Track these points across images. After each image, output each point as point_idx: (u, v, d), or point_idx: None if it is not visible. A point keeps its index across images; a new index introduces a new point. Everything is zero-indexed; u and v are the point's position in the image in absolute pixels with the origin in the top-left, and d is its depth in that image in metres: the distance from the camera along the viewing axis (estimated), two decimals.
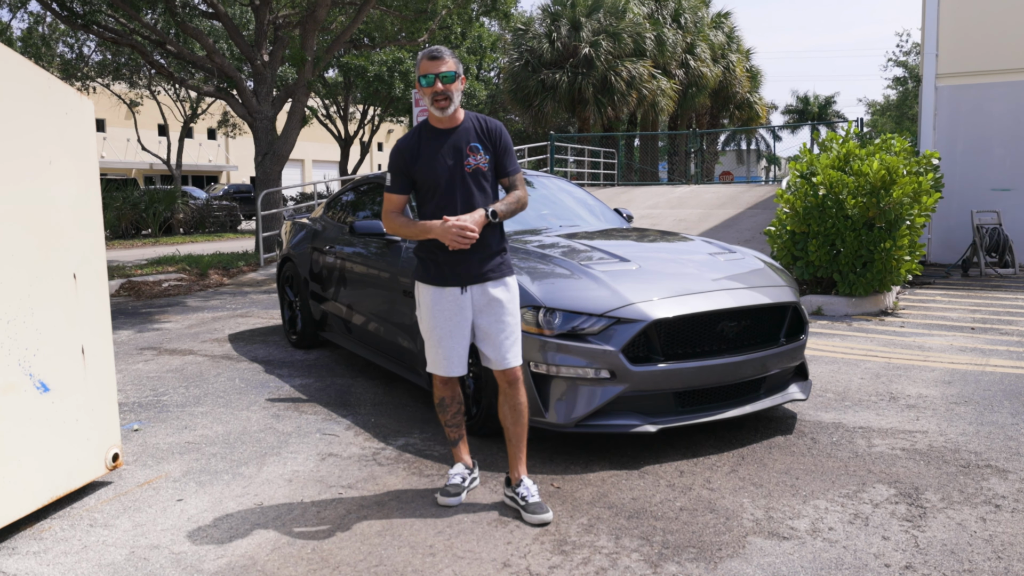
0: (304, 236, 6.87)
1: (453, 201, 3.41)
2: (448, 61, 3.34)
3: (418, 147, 3.45)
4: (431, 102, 3.37)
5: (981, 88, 12.27)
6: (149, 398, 5.41)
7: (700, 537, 3.21)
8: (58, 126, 3.55)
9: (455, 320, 3.44)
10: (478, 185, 3.44)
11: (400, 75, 26.20)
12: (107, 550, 3.19)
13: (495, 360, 3.45)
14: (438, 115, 3.40)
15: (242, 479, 3.92)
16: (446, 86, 3.33)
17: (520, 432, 3.53)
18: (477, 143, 3.46)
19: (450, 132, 3.45)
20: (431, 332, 3.49)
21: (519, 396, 3.50)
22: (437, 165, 3.41)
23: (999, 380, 5.51)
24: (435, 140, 3.44)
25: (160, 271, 12.36)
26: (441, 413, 3.68)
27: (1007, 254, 11.23)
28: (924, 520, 3.33)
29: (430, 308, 3.47)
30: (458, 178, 3.41)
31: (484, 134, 3.48)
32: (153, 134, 39.82)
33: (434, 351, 3.50)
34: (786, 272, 4.91)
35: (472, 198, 3.42)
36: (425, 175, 3.42)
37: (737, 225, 13.76)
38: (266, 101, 14.22)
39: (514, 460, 3.54)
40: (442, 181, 3.41)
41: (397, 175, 3.47)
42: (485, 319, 3.44)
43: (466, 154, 3.43)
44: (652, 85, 26.77)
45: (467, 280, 3.42)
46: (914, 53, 32.66)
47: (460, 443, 3.71)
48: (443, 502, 3.53)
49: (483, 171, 3.46)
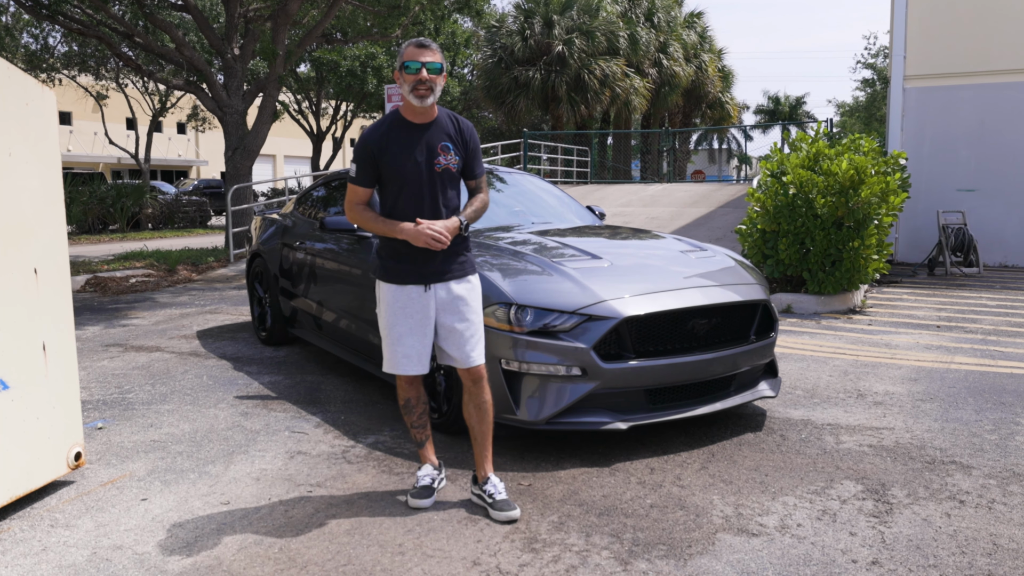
0: (274, 232, 6.79)
1: (420, 199, 3.34)
2: (436, 53, 3.29)
3: (387, 139, 3.34)
4: (411, 90, 3.27)
5: (948, 90, 12.47)
6: (114, 395, 5.32)
7: (670, 534, 3.21)
8: (18, 117, 3.47)
9: (416, 318, 3.37)
10: (445, 185, 3.38)
11: (373, 70, 26.05)
12: (68, 551, 3.13)
13: (459, 359, 3.40)
14: (416, 104, 3.29)
15: (209, 478, 3.86)
16: (431, 75, 3.26)
17: (485, 430, 3.49)
18: (449, 143, 3.39)
19: (423, 128, 3.36)
20: (391, 329, 3.41)
21: (484, 394, 3.46)
22: (407, 160, 3.32)
23: (964, 377, 5.59)
24: (407, 134, 3.35)
25: (127, 267, 12.17)
26: (407, 414, 3.60)
27: (972, 254, 11.42)
28: (890, 516, 3.37)
29: (390, 305, 3.40)
30: (426, 176, 3.34)
31: (457, 134, 3.42)
32: (121, 128, 39.19)
33: (393, 349, 3.42)
34: (756, 270, 4.94)
35: (439, 197, 3.36)
36: (392, 169, 3.33)
37: (709, 223, 13.84)
38: (236, 95, 14.06)
39: (480, 458, 3.50)
40: (409, 177, 3.33)
41: (363, 167, 3.36)
42: (448, 317, 3.38)
43: (437, 152, 3.35)
44: (625, 84, 26.86)
45: (430, 278, 3.37)
46: (882, 56, 33.08)
47: (427, 444, 3.65)
48: (415, 504, 3.48)
49: (452, 172, 3.40)
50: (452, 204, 3.42)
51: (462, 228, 3.36)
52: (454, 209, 3.43)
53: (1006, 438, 4.33)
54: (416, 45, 3.28)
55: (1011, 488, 3.65)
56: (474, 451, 3.52)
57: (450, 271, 3.39)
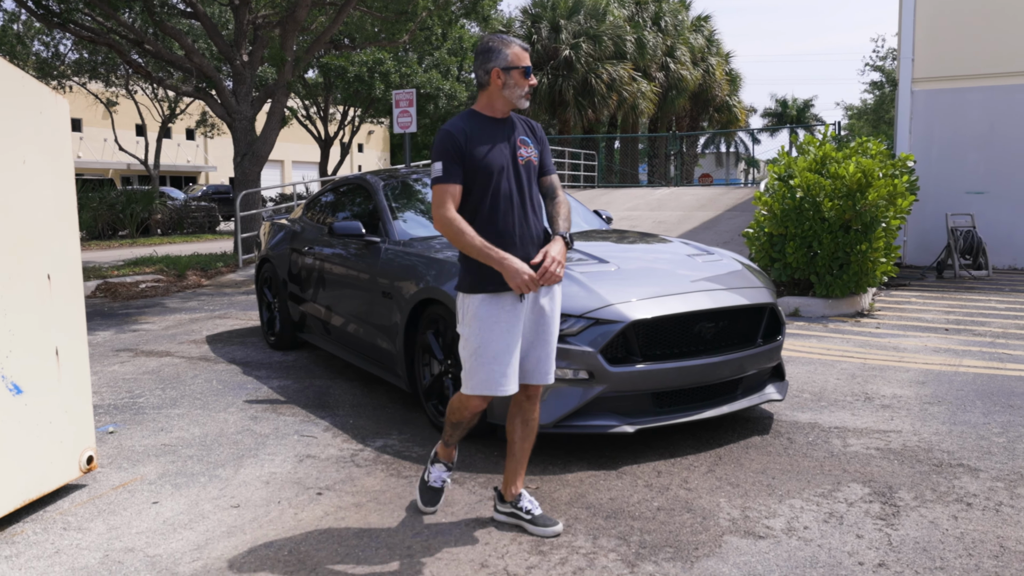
0: (283, 237, 6.84)
1: (507, 194, 3.18)
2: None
3: (473, 132, 3.19)
4: (524, 93, 3.21)
5: (956, 93, 12.44)
6: (125, 400, 5.37)
7: (677, 537, 3.23)
8: (32, 125, 3.52)
9: (513, 332, 3.12)
10: (530, 179, 3.27)
11: (380, 76, 26.14)
12: (80, 554, 3.16)
13: (536, 373, 3.23)
14: (523, 106, 3.25)
15: (219, 481, 3.89)
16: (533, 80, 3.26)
17: (527, 448, 3.36)
18: (527, 136, 3.31)
19: (502, 123, 3.26)
20: (486, 347, 3.09)
21: (535, 411, 3.34)
22: (494, 153, 3.18)
23: (972, 380, 5.58)
24: (488, 127, 3.22)
25: (137, 272, 12.25)
26: (452, 429, 3.38)
27: (981, 256, 11.38)
28: (897, 518, 3.37)
29: (484, 320, 3.10)
30: (511, 169, 3.21)
31: (529, 128, 3.37)
32: (131, 134, 39.39)
33: (487, 368, 3.10)
34: (763, 274, 4.95)
35: (526, 193, 3.23)
36: (481, 163, 3.15)
37: (716, 227, 13.84)
38: (245, 101, 14.15)
39: (513, 475, 3.37)
40: (497, 171, 3.17)
41: (451, 162, 3.12)
42: (533, 331, 3.21)
43: (517, 146, 3.26)
44: (632, 88, 26.90)
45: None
46: (890, 58, 33.00)
47: (454, 446, 3.49)
48: (423, 509, 3.47)
49: (534, 165, 3.29)
50: (536, 199, 3.30)
51: (569, 244, 3.22)
52: (538, 204, 3.30)
53: (1014, 441, 4.32)
54: (522, 47, 3.23)
55: (1019, 491, 3.65)
56: (508, 467, 3.38)
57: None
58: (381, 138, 54.54)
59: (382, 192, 5.73)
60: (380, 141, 54.97)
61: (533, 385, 3.29)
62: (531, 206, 3.26)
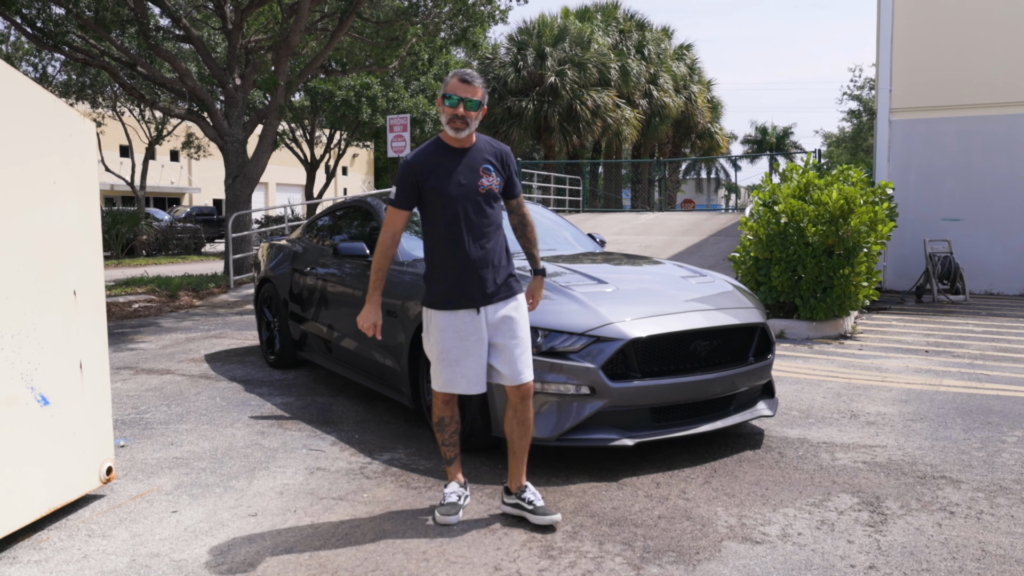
0: (283, 257, 6.99)
1: (463, 221, 3.50)
2: (478, 90, 3.45)
3: (431, 163, 3.50)
4: (448, 121, 3.45)
5: (933, 123, 12.84)
6: (132, 416, 5.48)
7: (678, 542, 3.40)
8: (62, 148, 3.68)
9: (472, 340, 3.51)
10: (488, 205, 3.55)
11: (367, 100, 26.37)
12: (108, 559, 3.29)
13: (510, 376, 3.54)
14: (452, 135, 3.48)
15: (234, 492, 4.02)
16: (467, 112, 3.43)
17: (525, 445, 3.65)
18: (489, 164, 3.57)
19: (464, 151, 3.54)
20: (446, 353, 3.52)
21: (529, 412, 3.61)
22: (450, 183, 3.48)
23: (952, 399, 5.82)
24: (450, 157, 3.52)
25: (129, 292, 12.32)
26: (439, 432, 3.72)
27: (958, 281, 11.71)
28: (885, 525, 3.57)
29: (443, 331, 3.53)
30: (470, 198, 3.50)
31: (496, 156, 3.61)
32: (115, 155, 39.40)
33: (450, 371, 3.53)
34: (753, 295, 5.17)
35: (482, 219, 3.53)
36: (437, 192, 3.48)
37: (701, 252, 14.12)
38: (237, 124, 14.31)
39: (516, 471, 3.66)
40: (452, 199, 3.48)
41: (405, 189, 3.50)
42: (499, 337, 3.54)
43: (479, 175, 3.52)
44: (616, 114, 27.32)
45: (480, 301, 3.52)
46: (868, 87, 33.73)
47: (455, 462, 3.77)
48: (443, 521, 3.58)
49: (495, 193, 3.57)
50: (496, 224, 3.59)
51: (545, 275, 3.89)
52: (497, 227, 3.60)
53: (993, 455, 4.55)
54: (460, 79, 3.44)
55: (998, 500, 3.86)
56: (510, 464, 3.67)
57: (498, 293, 3.57)
58: (366, 161, 54.78)
59: (384, 214, 5.90)
60: (364, 164, 55.21)
61: (523, 386, 3.57)
62: (491, 235, 3.58)
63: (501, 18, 15.79)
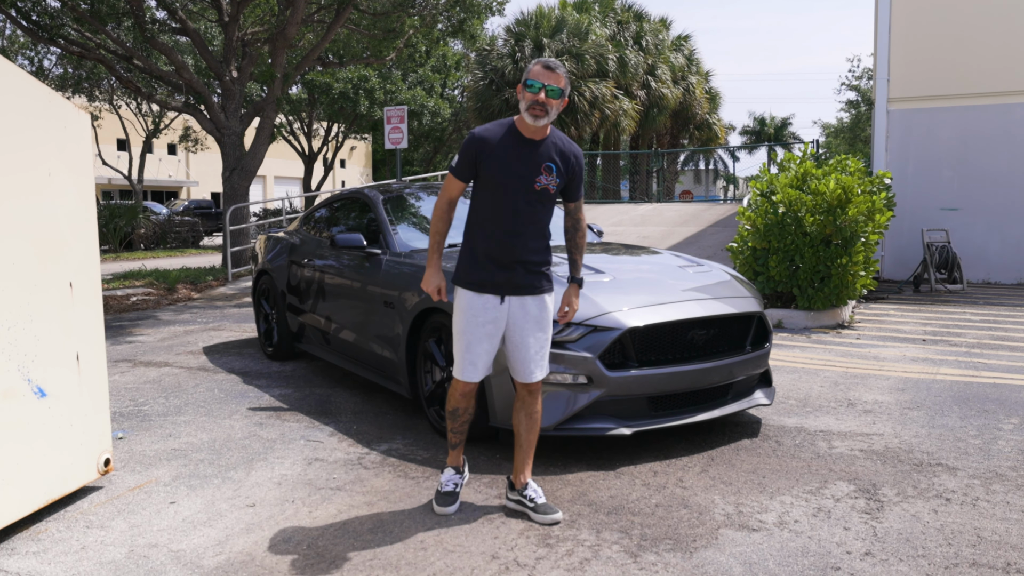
0: (281, 249, 6.99)
1: (510, 211, 3.42)
2: (561, 79, 3.35)
3: (496, 143, 3.41)
4: (527, 107, 3.35)
5: (930, 112, 12.84)
6: (130, 408, 5.48)
7: (676, 530, 3.41)
8: (57, 139, 3.67)
9: (487, 328, 3.45)
10: (540, 203, 3.46)
11: (365, 92, 26.36)
12: (106, 549, 3.29)
13: (522, 373, 3.52)
14: (530, 123, 3.37)
15: (232, 483, 4.03)
16: (548, 99, 3.33)
17: (532, 439, 3.63)
18: (553, 164, 3.45)
19: (532, 144, 3.43)
20: (461, 335, 3.48)
21: (537, 404, 3.61)
22: (508, 169, 3.39)
23: (949, 387, 5.83)
24: (515, 143, 3.42)
25: (127, 285, 12.31)
26: (451, 420, 3.65)
27: (955, 271, 11.72)
28: (881, 512, 3.58)
29: (464, 312, 3.47)
30: (523, 190, 3.41)
31: (562, 156, 3.49)
32: (113, 149, 39.32)
33: (461, 356, 3.49)
34: (751, 284, 5.17)
35: (530, 215, 3.44)
36: (492, 173, 3.40)
37: (699, 242, 14.12)
38: (234, 117, 14.28)
39: (522, 465, 3.64)
40: (505, 187, 3.40)
41: (464, 161, 3.43)
42: (518, 332, 3.48)
43: (540, 171, 3.42)
44: (614, 105, 27.27)
45: (507, 290, 3.45)
46: (866, 78, 33.68)
47: (459, 447, 3.73)
48: (440, 511, 3.58)
49: (550, 193, 3.47)
50: (542, 223, 3.51)
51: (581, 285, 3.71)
52: (543, 228, 3.52)
53: (989, 443, 4.56)
54: (544, 66, 3.35)
55: (994, 487, 3.87)
56: (516, 458, 3.66)
57: (528, 286, 3.48)
58: (363, 154, 54.68)
59: (381, 205, 5.91)
60: (362, 157, 55.10)
61: (532, 382, 3.54)
62: (534, 232, 3.49)
63: (498, 10, 15.75)
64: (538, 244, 3.51)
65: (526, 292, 3.48)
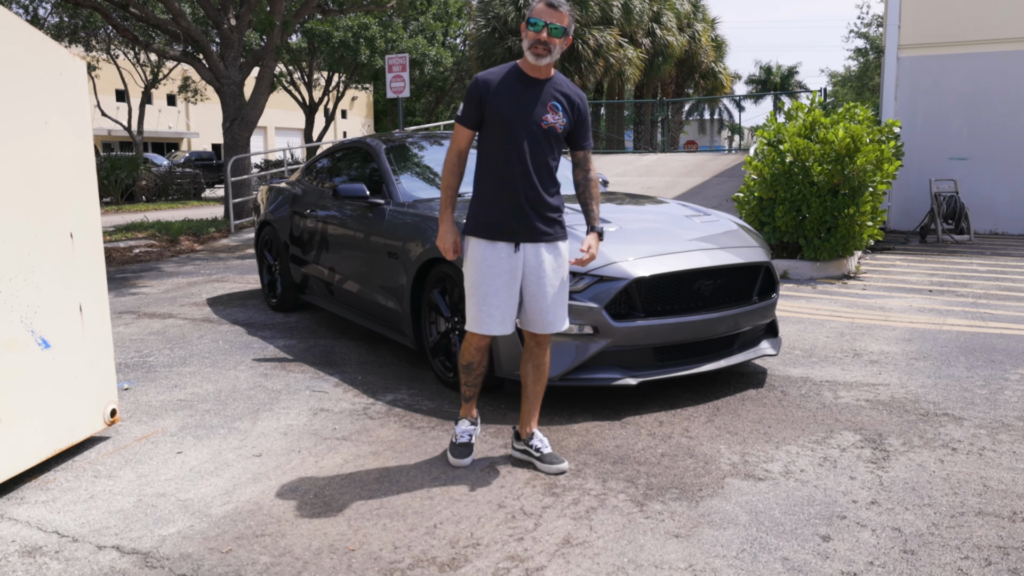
0: (283, 200, 6.93)
1: (520, 152, 3.32)
2: (564, 16, 3.28)
3: (500, 85, 3.35)
4: (530, 46, 3.28)
5: (941, 60, 12.59)
6: (135, 359, 5.49)
7: (682, 479, 3.42)
8: (53, 87, 3.59)
9: (504, 278, 3.35)
10: (548, 144, 3.38)
11: (366, 41, 25.95)
12: (115, 498, 3.31)
13: (540, 324, 3.43)
14: (532, 61, 3.30)
15: (238, 433, 4.04)
16: (550, 38, 3.26)
17: (539, 390, 3.59)
18: (558, 102, 3.38)
19: (537, 83, 3.37)
20: (477, 288, 3.37)
21: (545, 356, 3.56)
22: (513, 108, 3.32)
23: (955, 338, 5.81)
24: (519, 83, 3.35)
25: (129, 237, 12.28)
26: (465, 374, 3.59)
27: (963, 221, 11.62)
28: (887, 462, 3.58)
29: (478, 263, 3.37)
30: (529, 130, 3.33)
31: (567, 98, 3.42)
32: (111, 99, 38.88)
33: (477, 308, 3.38)
34: (758, 234, 5.11)
35: (537, 156, 3.35)
36: (497, 114, 3.32)
37: (704, 192, 14.01)
38: (234, 66, 14.08)
39: (528, 416, 3.61)
40: (513, 127, 3.31)
41: (470, 106, 3.37)
42: (535, 283, 3.39)
43: (546, 110, 3.35)
44: (619, 54, 26.86)
45: (522, 236, 3.36)
46: (875, 25, 33.04)
47: (473, 400, 3.67)
48: (455, 463, 3.56)
49: (556, 132, 3.38)
50: (552, 165, 3.42)
51: (601, 236, 3.55)
52: (553, 171, 3.43)
53: (995, 392, 4.55)
54: (546, 3, 3.27)
55: (1000, 437, 3.87)
56: (523, 408, 3.63)
57: (543, 233, 3.39)
58: (365, 104, 54.03)
59: (384, 155, 5.83)
60: (364, 107, 54.48)
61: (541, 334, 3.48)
62: (545, 172, 3.40)
63: None
64: (550, 188, 3.42)
65: (541, 239, 3.39)
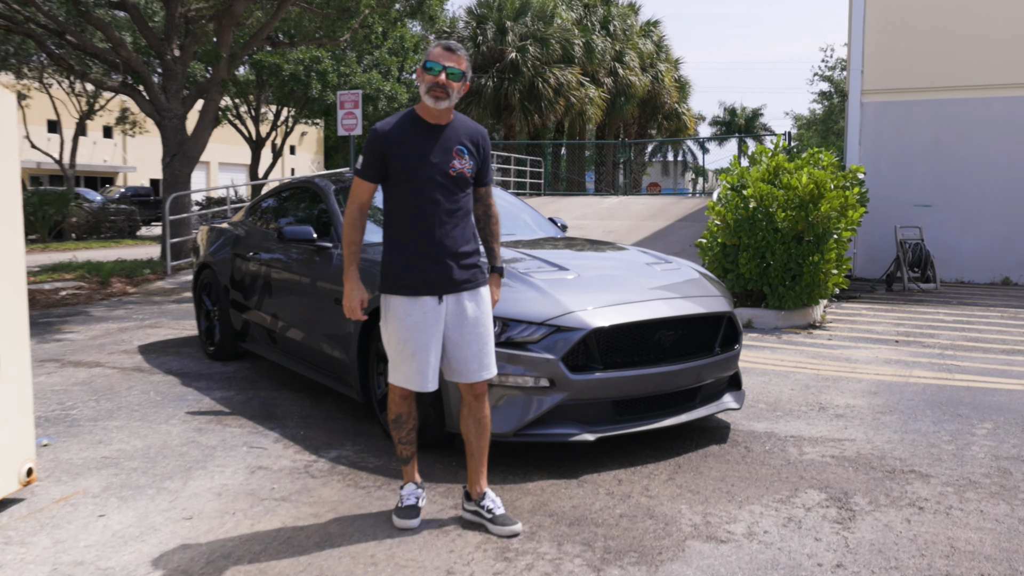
0: (224, 241, 6.64)
1: (428, 202, 3.24)
2: (462, 60, 3.23)
3: (402, 135, 3.25)
4: (427, 90, 3.20)
5: (905, 105, 12.73)
6: (56, 412, 5.13)
7: (641, 542, 3.22)
8: None
9: (430, 332, 3.24)
10: (459, 189, 3.30)
11: (317, 75, 25.26)
12: (27, 568, 3.01)
13: (466, 373, 3.31)
14: (432, 105, 3.22)
15: (168, 493, 3.75)
16: (449, 81, 3.20)
17: (483, 446, 3.42)
18: (464, 147, 3.32)
19: (439, 128, 3.29)
20: (404, 345, 3.25)
21: (484, 409, 3.40)
22: (420, 161, 3.23)
23: (922, 391, 5.73)
24: (421, 132, 3.27)
25: (56, 279, 11.76)
26: (396, 429, 3.45)
27: (929, 269, 11.64)
28: (853, 522, 3.43)
29: (402, 320, 3.25)
30: (440, 179, 3.25)
31: (472, 140, 3.36)
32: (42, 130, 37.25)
33: (407, 364, 3.27)
34: (720, 283, 4.99)
35: (451, 203, 3.28)
36: (403, 167, 3.23)
37: (667, 237, 14.00)
38: (176, 99, 13.69)
39: (476, 474, 3.42)
40: (420, 178, 3.23)
41: (371, 160, 3.26)
42: (458, 331, 3.29)
43: (452, 156, 3.28)
44: (580, 93, 27.06)
45: (444, 288, 3.27)
46: (839, 68, 33.65)
47: (412, 461, 3.52)
48: (401, 525, 3.35)
49: (466, 177, 3.31)
50: (465, 208, 3.34)
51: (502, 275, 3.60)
52: (467, 213, 3.36)
53: (963, 448, 4.44)
54: (444, 47, 3.24)
55: (967, 495, 3.74)
56: (469, 467, 3.45)
57: (464, 281, 3.31)
58: (315, 140, 52.63)
59: (333, 196, 5.59)
60: (314, 143, 53.21)
61: (478, 384, 3.35)
62: (461, 219, 3.33)
63: None
64: (465, 234, 3.34)
65: (463, 287, 3.30)
